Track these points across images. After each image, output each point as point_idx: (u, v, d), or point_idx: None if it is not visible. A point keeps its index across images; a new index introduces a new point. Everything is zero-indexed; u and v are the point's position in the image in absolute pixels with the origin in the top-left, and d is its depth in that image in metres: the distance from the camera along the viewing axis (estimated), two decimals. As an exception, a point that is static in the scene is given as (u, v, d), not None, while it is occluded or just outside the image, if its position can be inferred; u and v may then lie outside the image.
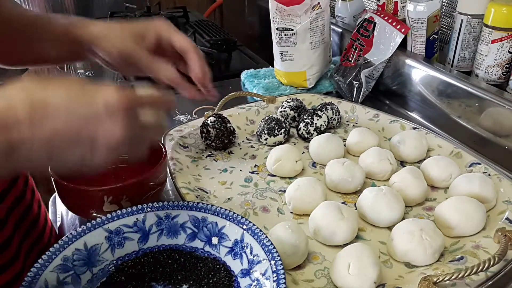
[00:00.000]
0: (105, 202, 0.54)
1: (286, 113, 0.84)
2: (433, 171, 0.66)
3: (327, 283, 0.51)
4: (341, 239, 0.55)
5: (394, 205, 0.58)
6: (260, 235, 0.48)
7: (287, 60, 0.97)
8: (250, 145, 0.79)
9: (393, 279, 0.51)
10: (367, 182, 0.69)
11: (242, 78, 1.07)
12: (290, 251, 0.51)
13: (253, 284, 0.46)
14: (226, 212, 0.51)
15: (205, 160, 0.74)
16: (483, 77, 0.82)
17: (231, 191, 0.67)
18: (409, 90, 0.92)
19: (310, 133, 0.79)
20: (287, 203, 0.63)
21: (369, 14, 0.95)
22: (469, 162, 0.69)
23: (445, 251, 0.54)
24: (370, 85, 0.96)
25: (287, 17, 0.93)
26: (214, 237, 0.51)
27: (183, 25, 1.60)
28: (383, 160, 0.68)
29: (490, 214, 0.59)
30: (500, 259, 0.48)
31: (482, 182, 0.60)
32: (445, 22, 0.96)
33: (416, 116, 0.91)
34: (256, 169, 0.73)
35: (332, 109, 0.83)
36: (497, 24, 0.76)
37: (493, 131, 0.76)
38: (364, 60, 0.93)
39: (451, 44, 0.87)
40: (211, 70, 0.61)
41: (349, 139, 0.76)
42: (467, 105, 0.79)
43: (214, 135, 0.75)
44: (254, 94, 0.92)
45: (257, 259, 0.47)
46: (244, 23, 1.78)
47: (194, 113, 0.92)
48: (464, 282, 0.48)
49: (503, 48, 0.78)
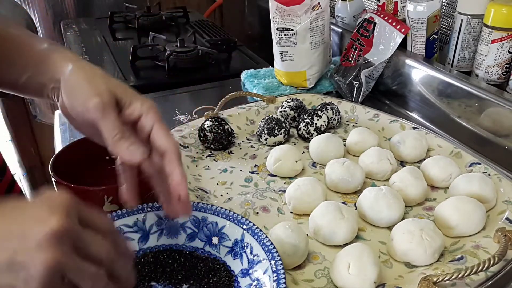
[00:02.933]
0: (105, 202, 0.54)
1: (286, 113, 0.84)
2: (433, 171, 0.66)
3: (327, 283, 0.51)
4: (341, 239, 0.55)
5: (394, 205, 0.58)
6: (260, 235, 0.48)
7: (287, 60, 0.97)
8: (250, 145, 0.79)
9: (393, 279, 0.51)
10: (367, 182, 0.69)
11: (242, 78, 1.07)
12: (290, 251, 0.51)
13: (253, 284, 0.46)
14: (226, 212, 0.51)
15: (205, 160, 0.74)
16: (483, 77, 0.82)
17: (231, 191, 0.67)
18: (409, 90, 0.92)
19: (310, 133, 0.79)
20: (287, 203, 0.63)
21: (369, 14, 0.95)
22: (469, 162, 0.69)
23: (445, 251, 0.54)
24: (370, 85, 0.96)
25: (287, 17, 0.93)
26: (214, 237, 0.51)
27: (183, 25, 1.60)
28: (383, 160, 0.68)
29: (490, 214, 0.59)
30: (500, 259, 0.48)
31: (482, 182, 0.60)
32: (445, 22, 0.96)
33: (416, 116, 0.92)
34: (256, 169, 0.73)
35: (332, 109, 0.83)
36: (497, 24, 0.76)
37: (493, 131, 0.76)
38: (364, 60, 0.93)
39: (451, 44, 0.87)
40: (211, 70, 0.58)
41: (349, 139, 0.76)
42: (467, 105, 0.79)
43: (212, 138, 0.75)
44: (254, 94, 0.92)
45: (257, 259, 0.47)
46: (244, 23, 1.78)
47: (194, 113, 0.92)
48: (464, 282, 0.48)
49: (503, 48, 0.78)
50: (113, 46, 1.41)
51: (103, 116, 0.44)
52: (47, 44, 0.52)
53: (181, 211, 0.47)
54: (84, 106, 0.45)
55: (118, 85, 0.47)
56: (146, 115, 0.46)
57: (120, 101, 0.46)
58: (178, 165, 0.45)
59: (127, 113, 0.46)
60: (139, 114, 0.46)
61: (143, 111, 0.46)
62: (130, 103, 0.46)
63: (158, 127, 0.46)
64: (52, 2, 1.72)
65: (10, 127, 1.92)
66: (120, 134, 0.44)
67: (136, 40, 1.45)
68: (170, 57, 1.16)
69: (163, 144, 0.46)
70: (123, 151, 0.44)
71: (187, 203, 0.46)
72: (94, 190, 0.53)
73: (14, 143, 1.94)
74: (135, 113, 0.46)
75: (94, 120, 0.44)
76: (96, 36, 1.50)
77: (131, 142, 0.44)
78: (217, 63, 1.21)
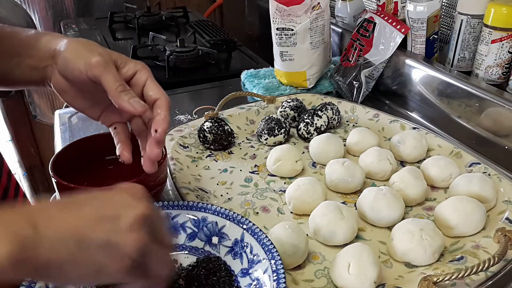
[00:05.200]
0: (105, 202, 0.54)
1: (286, 113, 0.84)
2: (433, 171, 0.66)
3: (327, 283, 0.51)
4: (341, 239, 0.55)
5: (394, 205, 0.58)
6: (260, 235, 0.48)
7: (287, 60, 0.97)
8: (250, 145, 0.79)
9: (393, 279, 0.51)
10: (367, 182, 0.69)
11: (242, 78, 1.07)
12: (290, 251, 0.51)
13: (253, 283, 0.46)
14: (226, 212, 0.51)
15: (205, 160, 0.74)
16: (483, 77, 0.82)
17: (231, 191, 0.67)
18: (409, 90, 0.92)
19: (310, 133, 0.79)
20: (287, 203, 0.63)
21: (369, 14, 0.95)
22: (469, 162, 0.69)
23: (445, 251, 0.54)
24: (370, 85, 0.97)
25: (287, 17, 0.93)
26: (214, 237, 0.51)
27: (183, 25, 1.60)
28: (383, 160, 0.68)
29: (490, 214, 0.59)
30: (500, 259, 0.48)
31: (482, 182, 0.60)
32: (445, 22, 0.96)
33: (416, 116, 0.92)
34: (256, 169, 0.73)
35: (332, 109, 0.83)
36: (497, 24, 0.76)
37: (493, 131, 0.76)
38: (364, 60, 0.93)
39: (451, 44, 0.87)
40: (211, 70, 0.59)
41: (349, 139, 0.76)
42: (467, 105, 0.79)
43: (211, 139, 0.75)
44: (254, 94, 0.92)
45: (257, 259, 0.47)
46: (244, 23, 1.78)
47: (194, 113, 0.92)
48: (464, 282, 0.48)
49: (503, 48, 0.78)
50: (113, 46, 1.41)
51: (105, 70, 0.48)
52: (34, 31, 0.54)
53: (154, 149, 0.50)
54: (86, 64, 0.48)
55: (113, 51, 0.51)
56: (140, 71, 0.51)
57: (116, 62, 0.50)
58: (166, 109, 0.50)
59: (123, 71, 0.50)
60: (134, 71, 0.50)
61: (138, 68, 0.51)
62: (125, 63, 0.51)
63: (151, 81, 0.51)
64: (52, 2, 1.72)
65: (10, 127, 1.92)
66: (122, 87, 0.48)
67: (136, 40, 1.45)
68: (170, 57, 1.16)
69: (156, 94, 0.50)
70: (125, 103, 0.47)
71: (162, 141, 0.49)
72: (94, 190, 0.53)
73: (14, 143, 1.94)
74: (130, 70, 0.50)
75: (96, 76, 0.47)
76: (96, 36, 1.50)
77: (132, 95, 0.48)
78: (217, 63, 1.21)
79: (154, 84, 0.51)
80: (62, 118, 0.93)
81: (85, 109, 0.54)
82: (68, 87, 0.52)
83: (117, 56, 0.51)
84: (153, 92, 0.50)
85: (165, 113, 0.49)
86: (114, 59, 0.50)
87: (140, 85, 0.51)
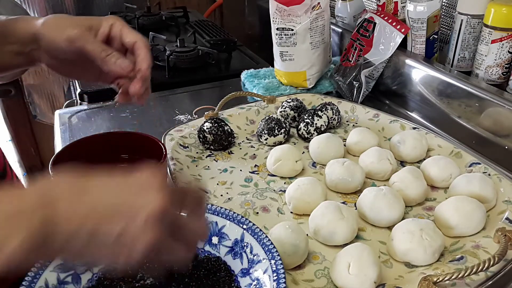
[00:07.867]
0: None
1: (286, 113, 0.84)
2: (433, 171, 0.66)
3: (327, 283, 0.51)
4: (341, 239, 0.55)
5: (394, 205, 0.58)
6: (260, 235, 0.48)
7: (287, 60, 0.97)
8: (250, 145, 0.79)
9: (393, 279, 0.51)
10: (367, 182, 0.69)
11: (242, 78, 1.07)
12: (290, 250, 0.51)
13: (253, 283, 0.46)
14: (226, 212, 0.51)
15: (205, 160, 0.74)
16: (483, 77, 0.82)
17: (231, 191, 0.67)
18: (409, 90, 0.92)
19: (310, 133, 0.79)
20: (287, 203, 0.63)
21: (369, 14, 0.95)
22: (469, 162, 0.69)
23: (445, 251, 0.54)
24: (370, 85, 0.97)
25: (287, 17, 0.93)
26: (214, 237, 0.51)
27: (183, 25, 1.60)
28: (383, 160, 0.68)
29: (490, 214, 0.59)
30: (500, 259, 0.48)
31: (482, 182, 0.60)
32: (445, 22, 0.96)
33: (416, 116, 0.91)
34: (256, 169, 0.73)
35: (332, 109, 0.83)
36: (497, 24, 0.76)
37: (493, 131, 0.76)
38: (364, 60, 0.93)
39: (451, 44, 0.87)
40: (211, 70, 0.60)
41: (349, 139, 0.76)
42: (467, 105, 0.79)
43: (211, 140, 0.75)
44: (254, 94, 0.92)
45: (257, 259, 0.47)
46: (244, 23, 1.78)
47: (194, 113, 0.92)
48: (464, 282, 0.48)
49: (503, 48, 0.78)
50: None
51: (86, 40, 0.52)
52: (4, 18, 0.56)
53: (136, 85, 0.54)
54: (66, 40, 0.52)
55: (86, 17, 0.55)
56: (114, 25, 0.55)
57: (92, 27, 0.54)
58: (145, 49, 0.54)
59: (100, 32, 0.54)
60: (108, 28, 0.55)
61: (111, 22, 0.55)
62: (100, 24, 0.55)
63: (125, 30, 0.55)
64: (52, 2, 1.72)
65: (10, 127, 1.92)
66: (105, 52, 0.52)
67: (136, 40, 1.45)
68: (170, 57, 1.16)
69: (132, 38, 0.55)
70: (112, 65, 0.52)
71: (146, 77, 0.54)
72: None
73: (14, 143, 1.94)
74: (105, 29, 0.54)
75: (80, 48, 0.52)
76: (96, 36, 1.49)
77: (117, 57, 0.53)
78: (217, 63, 1.21)
79: (129, 31, 0.55)
80: (62, 118, 0.93)
81: (83, 76, 0.59)
82: (60, 63, 0.56)
83: (90, 20, 0.54)
84: (129, 38, 0.55)
85: (144, 52, 0.54)
86: (89, 25, 0.54)
87: (118, 37, 0.55)
